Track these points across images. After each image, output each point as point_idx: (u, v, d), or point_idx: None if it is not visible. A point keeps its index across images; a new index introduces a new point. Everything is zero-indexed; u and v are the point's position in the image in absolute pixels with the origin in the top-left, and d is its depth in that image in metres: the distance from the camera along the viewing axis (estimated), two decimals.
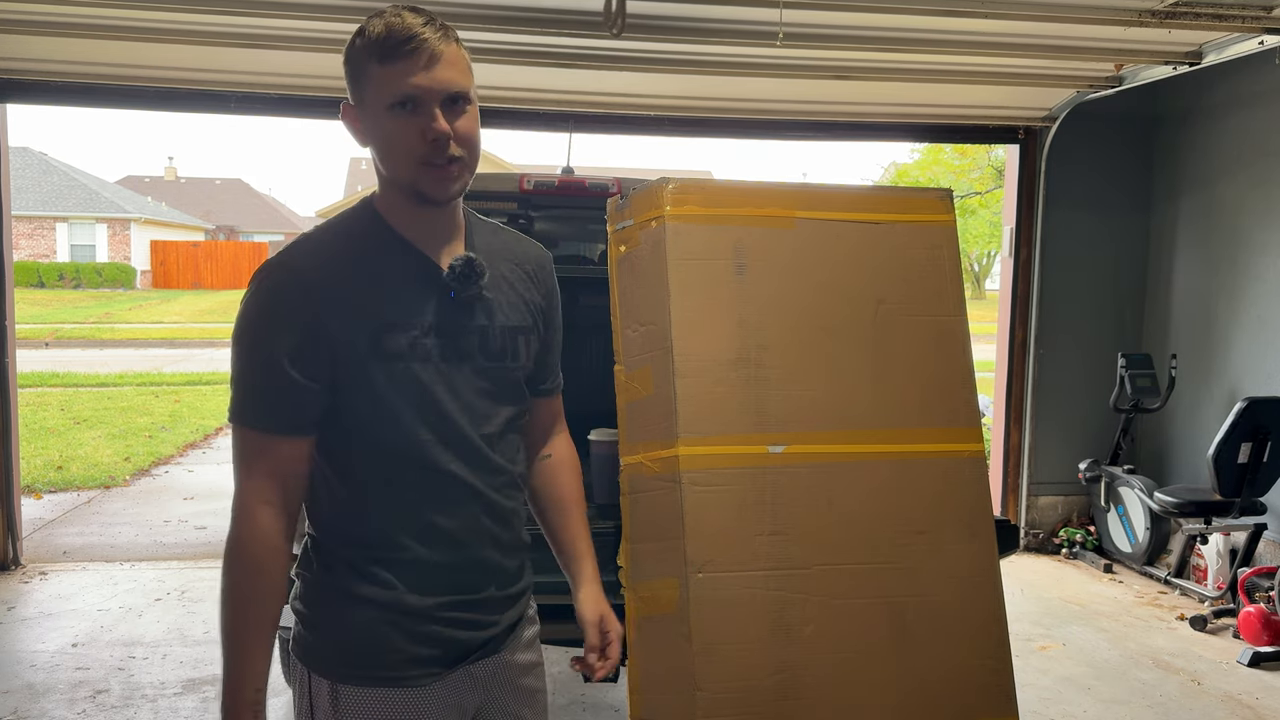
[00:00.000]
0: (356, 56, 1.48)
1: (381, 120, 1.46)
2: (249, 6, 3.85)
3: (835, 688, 2.20)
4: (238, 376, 1.49)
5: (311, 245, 1.52)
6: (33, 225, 34.14)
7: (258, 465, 1.47)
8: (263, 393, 1.47)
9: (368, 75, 1.46)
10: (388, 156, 1.48)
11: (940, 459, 2.37)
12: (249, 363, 1.48)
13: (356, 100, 1.50)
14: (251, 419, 1.48)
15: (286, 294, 1.46)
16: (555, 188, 3.64)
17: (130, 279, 33.21)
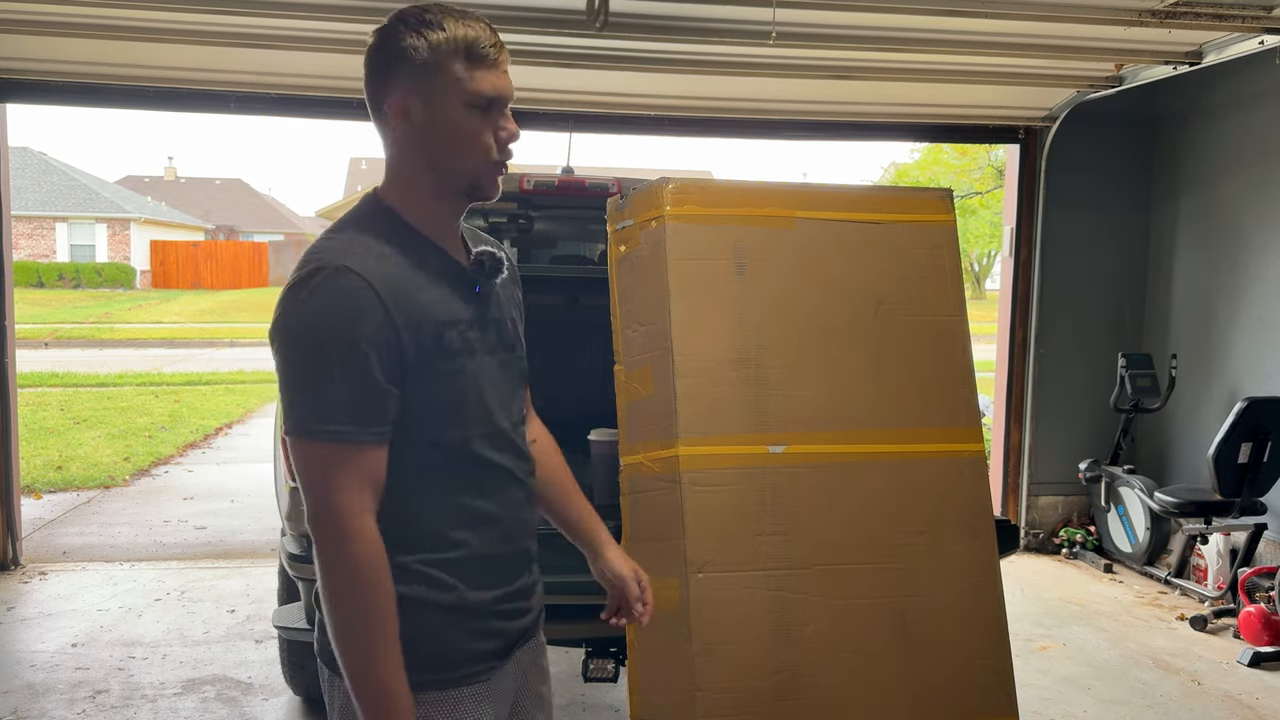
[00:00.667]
0: (436, 53, 1.47)
1: (456, 117, 1.48)
2: (249, 6, 3.85)
3: (835, 688, 2.20)
4: (312, 383, 1.41)
5: (356, 246, 1.47)
6: (32, 225, 34.13)
7: (350, 476, 1.41)
8: (348, 399, 1.40)
9: (448, 72, 1.47)
10: (457, 153, 1.50)
11: (940, 459, 2.37)
12: (328, 368, 1.40)
13: (421, 95, 1.48)
14: (338, 428, 1.40)
15: (360, 295, 1.41)
16: (555, 188, 3.64)
17: (130, 279, 33.20)
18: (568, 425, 3.28)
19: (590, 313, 3.36)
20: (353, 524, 1.41)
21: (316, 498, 1.41)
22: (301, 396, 1.42)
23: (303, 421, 1.41)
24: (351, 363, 1.40)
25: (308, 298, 1.42)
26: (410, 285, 1.47)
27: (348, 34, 4.20)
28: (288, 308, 1.43)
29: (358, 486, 1.41)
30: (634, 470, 2.30)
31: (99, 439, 9.03)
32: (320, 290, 1.42)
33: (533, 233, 3.82)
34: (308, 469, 1.42)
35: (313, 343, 1.41)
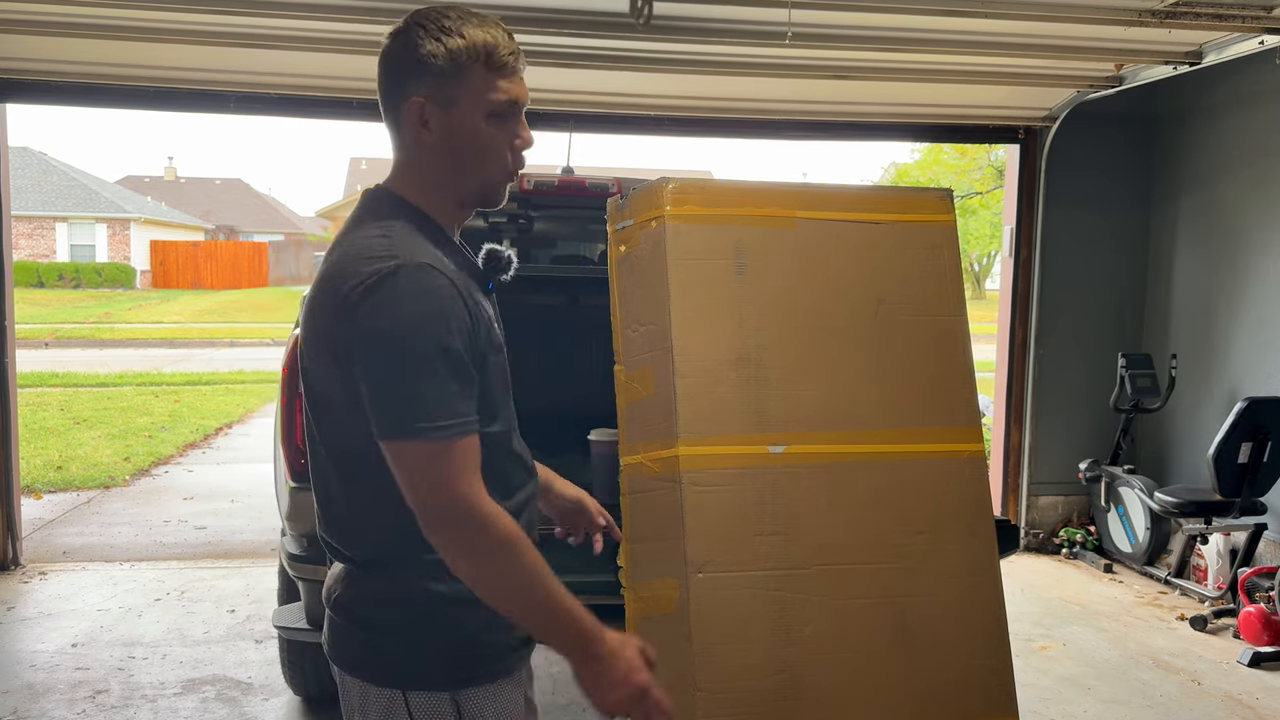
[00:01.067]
0: (459, 57, 1.45)
1: (478, 124, 1.48)
2: (249, 6, 3.85)
3: (835, 688, 2.20)
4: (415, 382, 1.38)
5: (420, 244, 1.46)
6: (33, 225, 34.13)
7: (468, 465, 1.41)
8: (454, 393, 1.41)
9: (471, 77, 1.46)
10: (476, 162, 1.51)
11: (940, 459, 2.37)
12: (431, 365, 1.39)
13: (441, 103, 1.47)
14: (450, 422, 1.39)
15: (446, 291, 1.41)
16: (555, 187, 3.64)
17: (130, 279, 33.21)
18: (568, 425, 3.29)
19: (590, 313, 3.36)
20: (486, 507, 1.40)
21: (444, 492, 1.39)
22: (406, 397, 1.39)
23: (412, 421, 1.38)
24: (451, 358, 1.40)
25: (397, 296, 1.39)
26: (466, 282, 1.49)
27: (348, 34, 4.20)
28: (376, 307, 1.39)
29: (475, 472, 1.42)
30: (634, 470, 2.30)
31: (99, 439, 9.03)
32: (409, 287, 1.39)
33: (533, 233, 3.82)
34: (426, 468, 1.39)
35: (413, 341, 1.38)
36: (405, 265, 1.40)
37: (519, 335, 1.79)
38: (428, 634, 1.49)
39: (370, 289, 1.39)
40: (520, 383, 1.81)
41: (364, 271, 1.40)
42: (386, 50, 1.51)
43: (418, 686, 1.48)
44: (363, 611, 1.52)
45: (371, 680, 1.50)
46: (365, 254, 1.43)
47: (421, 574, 1.48)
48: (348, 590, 1.54)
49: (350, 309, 1.40)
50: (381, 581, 1.51)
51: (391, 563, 1.50)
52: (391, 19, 3.91)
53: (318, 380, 1.50)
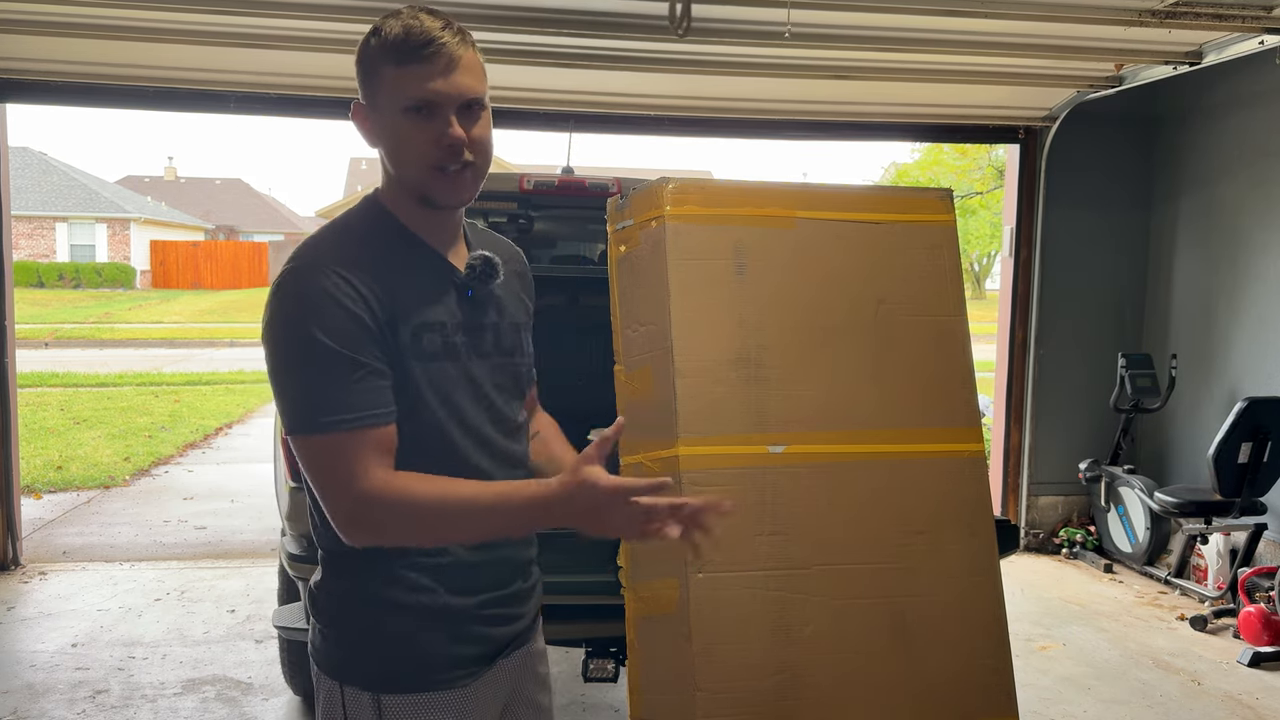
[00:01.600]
0: (371, 56, 1.45)
1: (395, 123, 1.44)
2: (249, 6, 3.85)
3: (835, 688, 2.20)
4: (302, 379, 1.39)
5: (339, 247, 1.46)
6: (33, 225, 34.13)
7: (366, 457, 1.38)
8: (341, 388, 1.38)
9: (382, 76, 1.44)
10: (399, 160, 1.47)
11: (940, 459, 2.37)
12: (321, 357, 1.38)
13: (368, 100, 1.48)
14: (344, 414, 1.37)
15: (344, 292, 1.39)
16: (555, 188, 3.64)
17: (130, 279, 33.20)
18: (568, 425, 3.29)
19: (590, 313, 3.35)
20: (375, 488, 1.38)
21: (339, 486, 1.39)
22: (295, 393, 1.41)
23: (306, 417, 1.39)
24: (332, 354, 1.38)
25: (287, 295, 1.41)
26: (391, 284, 1.45)
27: (348, 34, 4.20)
28: (271, 306, 1.42)
29: (371, 463, 1.39)
30: (634, 470, 2.29)
31: (99, 439, 9.03)
32: (299, 287, 1.41)
33: (533, 233, 3.81)
34: (322, 462, 1.40)
35: (297, 338, 1.39)
36: (298, 268, 1.43)
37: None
38: (361, 633, 1.51)
39: (272, 290, 1.44)
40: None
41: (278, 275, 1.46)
42: None
43: (350, 682, 1.50)
44: (319, 603, 1.55)
45: (321, 668, 1.54)
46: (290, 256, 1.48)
47: (363, 574, 1.49)
48: (315, 583, 1.58)
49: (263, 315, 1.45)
50: (334, 578, 1.54)
51: (338, 559, 1.52)
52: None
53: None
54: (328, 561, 1.54)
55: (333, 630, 1.53)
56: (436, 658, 1.51)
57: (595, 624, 2.63)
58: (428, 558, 1.49)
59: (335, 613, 1.53)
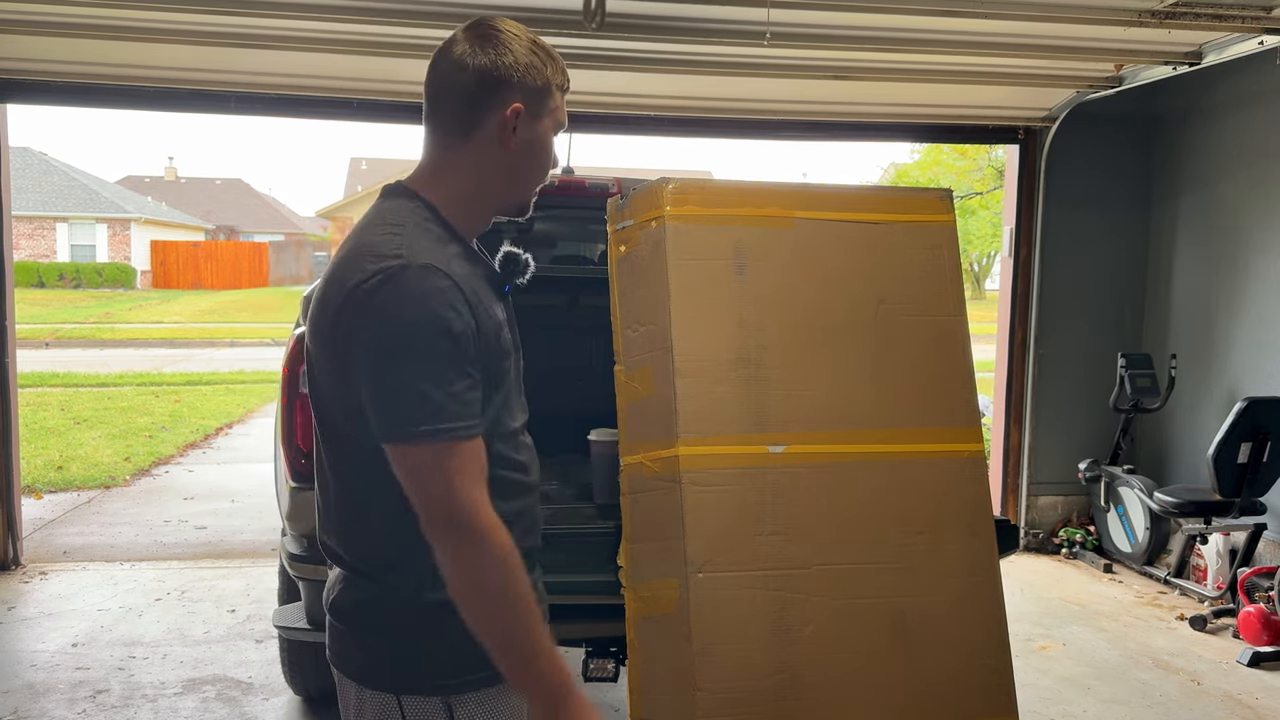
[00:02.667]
0: (551, 77, 1.56)
1: (547, 141, 1.57)
2: (249, 6, 3.85)
3: (835, 688, 2.20)
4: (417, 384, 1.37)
5: (434, 247, 1.46)
6: (33, 225, 34.14)
7: (471, 471, 1.40)
8: (456, 395, 1.39)
9: (553, 96, 1.57)
10: (532, 170, 1.58)
11: (940, 459, 2.37)
12: (433, 366, 1.38)
13: (532, 111, 1.54)
14: (456, 422, 1.39)
15: (450, 293, 1.40)
16: (555, 188, 3.64)
17: (130, 279, 33.21)
18: (568, 425, 3.29)
19: (590, 313, 3.35)
20: (489, 517, 1.40)
21: (445, 497, 1.38)
22: (408, 398, 1.38)
23: (415, 424, 1.38)
24: (454, 360, 1.39)
25: (399, 296, 1.38)
26: (476, 285, 1.48)
27: (348, 34, 4.21)
28: (379, 306, 1.39)
29: (479, 480, 1.41)
30: (634, 470, 2.30)
31: (99, 439, 9.03)
32: (411, 288, 1.39)
33: (533, 233, 3.82)
34: (428, 471, 1.39)
35: (416, 342, 1.38)
36: (410, 265, 1.40)
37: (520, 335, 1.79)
38: (421, 639, 1.49)
39: (374, 288, 1.39)
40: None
41: (370, 269, 1.40)
42: (474, 56, 1.51)
43: (411, 691, 1.48)
44: (359, 616, 1.52)
45: (367, 684, 1.50)
46: (373, 251, 1.43)
47: (416, 579, 1.47)
48: (345, 594, 1.54)
49: (353, 307, 1.40)
50: (377, 586, 1.51)
51: (387, 567, 1.50)
52: (392, 19, 3.95)
53: (320, 378, 1.50)
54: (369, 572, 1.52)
55: (385, 642, 1.50)
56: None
57: (595, 624, 2.63)
58: None
59: (386, 625, 1.50)
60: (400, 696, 1.48)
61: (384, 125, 3.27)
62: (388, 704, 1.49)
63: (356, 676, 1.53)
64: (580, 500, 3.07)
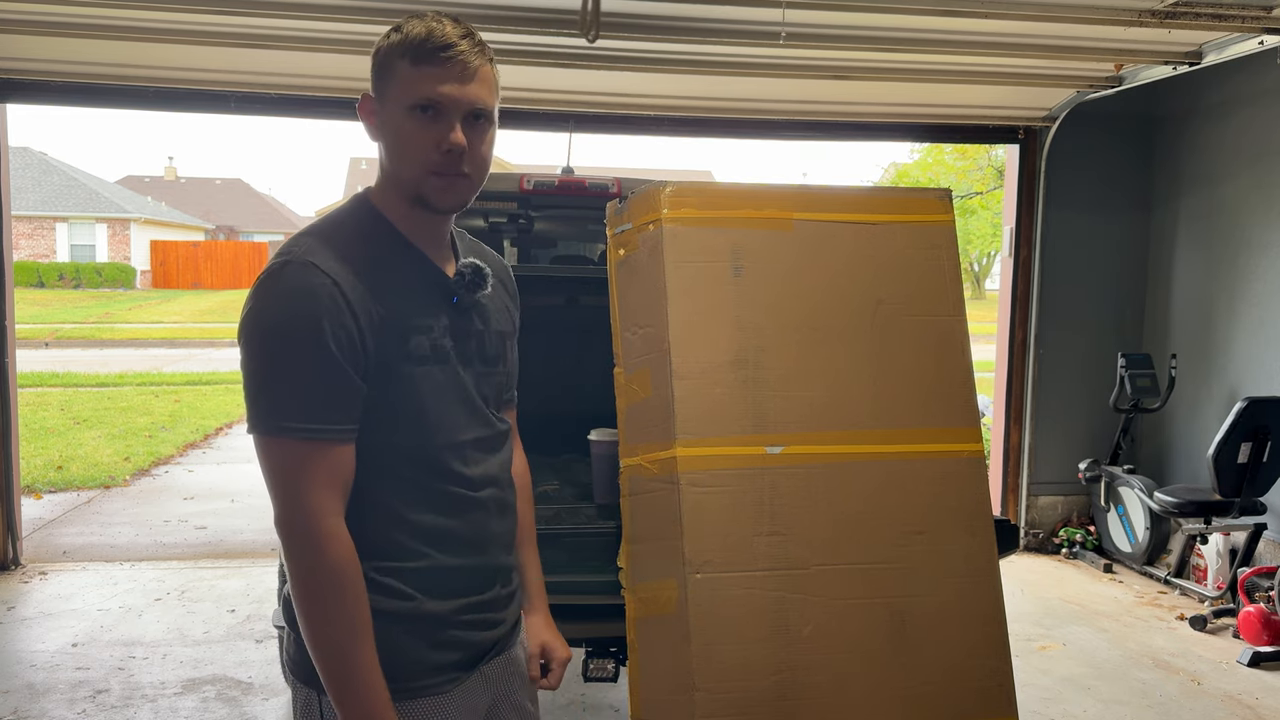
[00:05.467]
0: (388, 51, 1.45)
1: (400, 119, 1.44)
2: (249, 6, 3.85)
3: (834, 688, 2.20)
4: (275, 379, 1.37)
5: (327, 244, 1.44)
6: (33, 225, 34.13)
7: (317, 476, 1.37)
8: (315, 392, 1.37)
9: (395, 72, 1.44)
10: (398, 156, 1.47)
11: (939, 459, 2.37)
12: (291, 363, 1.36)
13: (378, 94, 1.47)
14: (306, 423, 1.36)
15: (322, 290, 1.37)
16: (555, 188, 3.64)
17: (130, 279, 33.20)
18: (568, 425, 3.29)
19: (590, 313, 3.35)
20: (325, 524, 1.37)
21: (286, 498, 1.37)
22: (266, 393, 1.38)
23: (268, 418, 1.37)
24: (315, 358, 1.36)
25: (270, 293, 1.39)
26: (379, 285, 1.44)
27: (348, 34, 4.21)
28: (252, 303, 1.40)
29: (327, 486, 1.38)
30: (633, 471, 2.30)
31: (99, 439, 9.03)
32: (283, 286, 1.38)
33: (533, 233, 3.82)
34: (275, 468, 1.38)
35: (275, 338, 1.37)
36: (291, 262, 1.40)
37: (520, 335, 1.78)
38: None
39: (257, 285, 1.40)
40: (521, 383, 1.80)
41: (265, 268, 1.42)
42: None
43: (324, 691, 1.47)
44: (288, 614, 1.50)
45: (296, 677, 1.51)
46: (275, 254, 1.46)
47: None
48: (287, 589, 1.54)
49: (245, 302, 1.42)
50: None
51: None
52: (391, 19, 3.94)
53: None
54: None
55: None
56: (414, 664, 1.48)
57: (595, 624, 2.63)
58: (405, 563, 1.47)
59: None
60: (320, 695, 1.47)
61: None
62: (310, 700, 1.50)
63: (289, 669, 1.53)
64: (580, 500, 3.07)
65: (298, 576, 1.39)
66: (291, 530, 1.38)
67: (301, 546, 1.38)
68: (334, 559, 1.38)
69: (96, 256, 34.73)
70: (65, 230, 34.97)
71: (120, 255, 35.12)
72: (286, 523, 1.38)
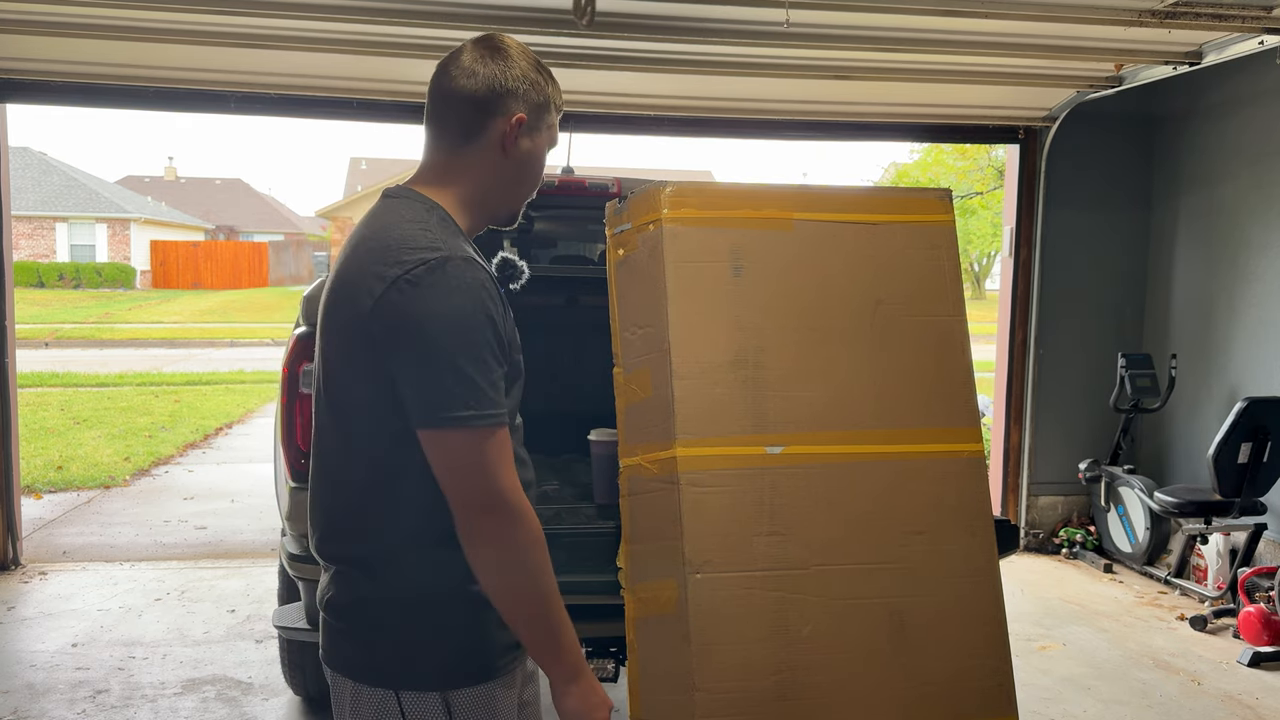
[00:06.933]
0: (551, 95, 1.65)
1: (540, 152, 1.65)
2: (249, 6, 3.85)
3: (834, 688, 2.20)
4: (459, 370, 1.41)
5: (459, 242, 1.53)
6: (33, 225, 34.14)
7: (507, 456, 1.47)
8: (495, 383, 1.46)
9: (550, 117, 1.66)
10: (525, 180, 1.66)
11: (939, 459, 2.37)
12: (476, 354, 1.43)
13: (532, 124, 1.62)
14: (493, 412, 1.44)
15: (490, 285, 1.48)
16: (555, 188, 3.64)
17: (130, 279, 33.21)
18: (568, 425, 3.29)
19: (590, 313, 3.35)
20: (523, 501, 1.47)
21: (486, 482, 1.44)
22: (453, 385, 1.41)
23: (459, 409, 1.41)
24: (494, 349, 1.45)
25: (446, 287, 1.42)
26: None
27: (348, 34, 4.20)
28: (425, 295, 1.41)
29: (512, 465, 1.48)
30: (633, 471, 2.30)
31: (99, 439, 9.03)
32: (455, 279, 1.43)
33: (533, 233, 3.82)
34: (470, 455, 1.43)
35: (461, 330, 1.42)
36: (452, 258, 1.44)
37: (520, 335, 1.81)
38: (419, 634, 1.51)
39: (419, 277, 1.41)
40: None
41: (409, 260, 1.43)
42: (484, 65, 1.58)
43: (409, 687, 1.50)
44: (357, 613, 1.53)
45: (365, 681, 1.51)
46: (407, 245, 1.46)
47: (415, 574, 1.50)
48: (342, 591, 1.54)
49: (395, 296, 1.41)
50: (374, 582, 1.52)
51: (385, 563, 1.51)
52: (391, 19, 3.95)
53: (336, 373, 1.51)
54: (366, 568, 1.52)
55: (382, 638, 1.51)
56: (494, 647, 1.55)
57: (595, 624, 2.63)
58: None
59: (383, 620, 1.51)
60: (399, 692, 1.49)
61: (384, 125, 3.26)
62: (386, 700, 1.50)
63: (353, 673, 1.53)
64: (580, 500, 3.07)
65: (511, 550, 1.46)
66: (497, 510, 1.45)
67: (511, 524, 1.46)
68: (538, 529, 1.49)
69: (96, 256, 34.74)
70: (65, 230, 34.98)
71: (120, 255, 35.13)
72: (487, 505, 1.45)
